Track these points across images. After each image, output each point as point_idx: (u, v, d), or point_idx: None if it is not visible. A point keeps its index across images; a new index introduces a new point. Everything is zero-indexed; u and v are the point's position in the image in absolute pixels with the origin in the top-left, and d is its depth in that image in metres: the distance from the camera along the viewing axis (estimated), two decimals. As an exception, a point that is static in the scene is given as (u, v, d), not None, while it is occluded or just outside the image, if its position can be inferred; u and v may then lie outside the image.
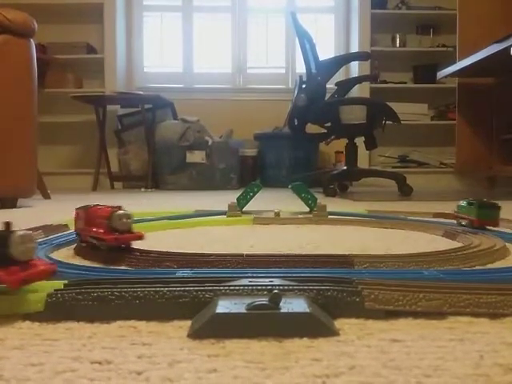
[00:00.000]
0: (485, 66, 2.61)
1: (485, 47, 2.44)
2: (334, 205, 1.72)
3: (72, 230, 0.95)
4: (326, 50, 3.80)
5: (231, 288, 0.41)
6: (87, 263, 0.64)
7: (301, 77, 2.52)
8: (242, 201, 1.28)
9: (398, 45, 3.82)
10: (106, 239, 0.62)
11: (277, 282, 0.42)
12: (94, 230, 0.65)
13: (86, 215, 0.68)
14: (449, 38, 3.70)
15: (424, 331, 0.37)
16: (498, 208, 0.88)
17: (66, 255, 0.70)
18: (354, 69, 3.79)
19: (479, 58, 2.50)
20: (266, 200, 2.00)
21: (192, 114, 3.36)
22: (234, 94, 3.95)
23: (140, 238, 0.65)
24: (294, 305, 0.36)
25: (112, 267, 0.61)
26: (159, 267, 0.60)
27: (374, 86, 3.73)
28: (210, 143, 3.23)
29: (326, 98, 2.54)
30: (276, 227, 1.09)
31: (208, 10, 4.02)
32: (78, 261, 0.66)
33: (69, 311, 0.39)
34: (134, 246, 0.66)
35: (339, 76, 3.16)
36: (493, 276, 0.52)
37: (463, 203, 0.95)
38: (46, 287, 0.42)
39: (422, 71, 3.78)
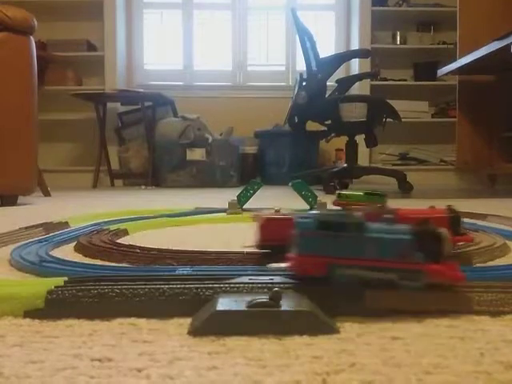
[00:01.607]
0: (485, 63, 2.61)
1: (485, 45, 2.43)
2: (334, 202, 1.71)
3: (72, 226, 0.95)
4: (327, 48, 3.79)
5: (231, 285, 0.41)
6: (88, 260, 0.64)
7: (301, 74, 2.52)
8: (243, 198, 1.28)
9: (398, 42, 3.82)
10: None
11: (277, 279, 0.42)
12: None
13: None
14: (449, 35, 3.69)
15: (424, 329, 0.37)
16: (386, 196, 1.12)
17: (66, 252, 0.70)
18: (355, 66, 3.79)
19: (480, 56, 2.49)
20: (266, 198, 2.00)
21: (192, 112, 3.36)
22: (235, 91, 3.95)
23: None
24: (295, 302, 0.36)
25: (112, 264, 0.61)
26: (159, 264, 0.60)
27: (374, 83, 3.73)
28: (210, 141, 3.23)
29: (327, 96, 2.54)
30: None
31: (208, 7, 4.02)
32: (79, 258, 0.66)
33: (69, 308, 0.39)
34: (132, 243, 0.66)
35: (339, 73, 3.16)
36: (493, 273, 0.52)
37: (359, 193, 1.12)
38: (47, 284, 0.42)
39: (423, 68, 3.77)
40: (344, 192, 1.11)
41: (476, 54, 2.54)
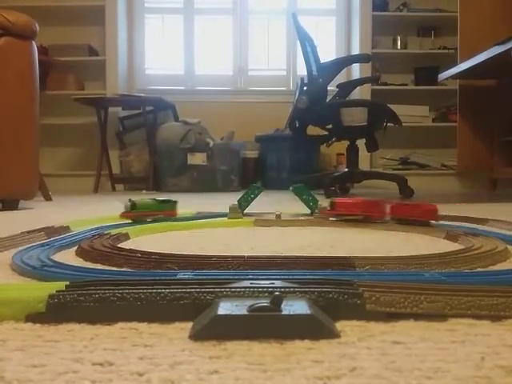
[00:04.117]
0: (486, 67, 2.61)
1: (486, 49, 2.44)
2: (335, 207, 1.71)
3: (74, 231, 0.96)
4: (327, 52, 3.80)
5: (232, 290, 0.41)
6: (89, 265, 0.64)
7: (302, 79, 2.53)
8: (244, 203, 1.28)
9: (399, 47, 3.82)
10: None
11: (278, 283, 0.42)
12: None
13: None
14: (450, 40, 3.70)
15: (425, 333, 0.37)
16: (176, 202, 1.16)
17: (67, 257, 0.70)
18: (356, 71, 3.79)
19: (480, 60, 2.50)
20: (266, 202, 2.00)
21: (193, 116, 3.37)
22: (235, 95, 3.96)
23: None
24: (296, 307, 0.36)
25: (113, 269, 0.61)
26: (161, 269, 0.60)
27: (375, 87, 3.73)
28: (211, 145, 3.23)
29: (327, 100, 2.55)
30: (277, 229, 1.09)
31: (209, 12, 4.03)
32: (80, 262, 0.66)
33: (70, 312, 0.39)
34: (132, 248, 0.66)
35: (340, 78, 3.16)
36: (494, 278, 0.52)
37: (151, 201, 1.12)
38: (48, 288, 0.42)
39: (423, 73, 3.78)
40: (138, 201, 1.08)
41: (477, 58, 2.54)
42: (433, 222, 1.03)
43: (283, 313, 0.35)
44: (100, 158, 3.38)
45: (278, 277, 0.47)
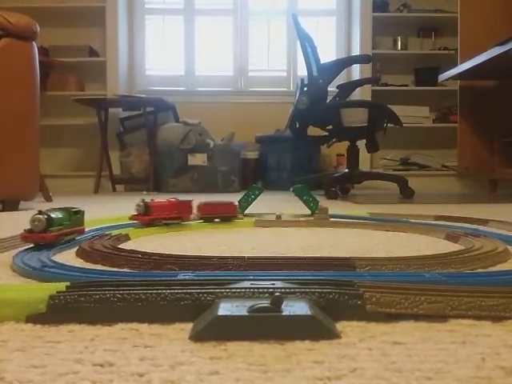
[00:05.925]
0: (486, 68, 2.61)
1: (486, 50, 2.44)
2: (335, 207, 1.72)
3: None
4: (328, 53, 3.80)
5: (233, 290, 0.41)
6: (89, 265, 0.64)
7: (302, 80, 2.53)
8: (244, 204, 1.28)
9: (399, 47, 3.82)
10: None
11: (278, 284, 0.42)
12: None
13: None
14: (450, 40, 3.70)
15: (425, 334, 0.37)
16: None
17: (68, 258, 0.70)
18: (356, 72, 3.79)
19: (481, 61, 2.50)
20: (267, 203, 2.00)
21: (194, 117, 3.37)
22: (236, 96, 3.96)
23: None
24: (296, 307, 0.36)
25: (114, 269, 0.61)
26: (161, 270, 0.60)
27: (375, 88, 3.73)
28: (211, 146, 3.23)
29: (328, 101, 2.55)
30: (277, 230, 1.09)
31: (210, 13, 4.03)
32: (80, 263, 0.66)
33: (71, 313, 0.39)
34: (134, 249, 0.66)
35: (341, 79, 3.17)
36: (494, 279, 0.52)
37: (59, 213, 0.78)
38: (49, 289, 0.42)
39: (424, 74, 3.78)
40: (50, 214, 0.73)
41: (477, 59, 2.54)
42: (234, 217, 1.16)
43: (283, 313, 0.35)
44: (100, 159, 3.38)
45: (279, 277, 0.47)
